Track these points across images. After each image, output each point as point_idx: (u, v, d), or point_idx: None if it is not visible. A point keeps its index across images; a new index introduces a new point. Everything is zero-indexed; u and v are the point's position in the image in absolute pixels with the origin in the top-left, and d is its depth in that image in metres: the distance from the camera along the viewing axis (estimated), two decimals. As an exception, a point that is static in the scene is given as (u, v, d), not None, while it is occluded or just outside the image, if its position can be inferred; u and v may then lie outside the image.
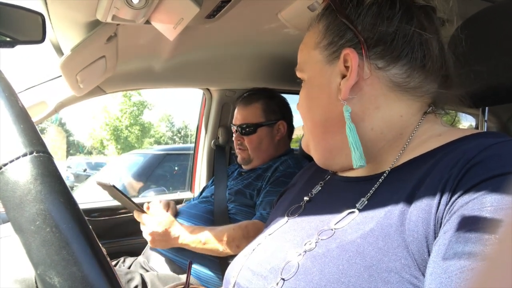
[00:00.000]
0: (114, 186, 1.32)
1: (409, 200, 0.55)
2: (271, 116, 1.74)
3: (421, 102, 0.69)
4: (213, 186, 1.82)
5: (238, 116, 1.78)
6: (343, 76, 0.67)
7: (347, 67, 0.67)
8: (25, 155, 0.36)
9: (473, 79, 0.71)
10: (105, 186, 1.36)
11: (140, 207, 1.41)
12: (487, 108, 0.98)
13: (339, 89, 0.67)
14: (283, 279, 0.60)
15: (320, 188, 0.80)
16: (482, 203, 0.45)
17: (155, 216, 1.39)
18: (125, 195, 1.35)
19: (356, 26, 0.67)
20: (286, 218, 0.77)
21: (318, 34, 0.72)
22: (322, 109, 0.72)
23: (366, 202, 0.63)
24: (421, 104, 0.69)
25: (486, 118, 0.98)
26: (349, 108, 0.67)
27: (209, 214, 1.60)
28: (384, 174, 0.65)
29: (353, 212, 0.63)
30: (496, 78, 0.79)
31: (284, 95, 2.15)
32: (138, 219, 1.41)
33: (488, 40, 0.79)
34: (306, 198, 0.79)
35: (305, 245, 0.63)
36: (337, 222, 0.63)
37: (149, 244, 1.63)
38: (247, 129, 1.72)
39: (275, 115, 1.75)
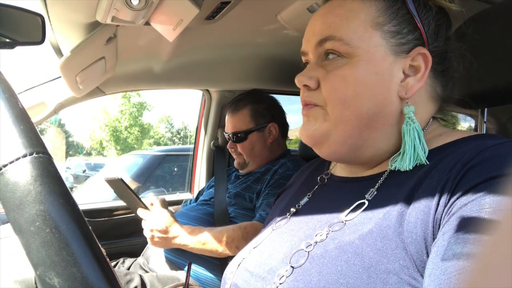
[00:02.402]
0: (121, 180, 1.33)
1: (408, 201, 0.55)
2: (260, 120, 1.74)
3: (437, 108, 0.71)
4: (211, 190, 1.82)
5: (228, 124, 1.78)
6: (403, 73, 0.65)
7: (411, 66, 0.65)
8: (25, 156, 0.36)
9: (472, 80, 0.71)
10: (112, 181, 1.36)
11: (144, 204, 1.41)
12: (486, 109, 0.98)
13: (401, 86, 0.65)
14: (292, 267, 0.60)
15: (317, 189, 0.80)
16: (481, 204, 0.46)
17: (156, 214, 1.39)
18: (132, 190, 1.36)
19: (424, 27, 0.65)
20: (284, 220, 0.77)
21: (377, 11, 0.64)
22: (376, 101, 0.64)
23: (375, 193, 0.63)
24: (436, 110, 0.71)
25: (485, 119, 0.98)
26: (413, 108, 0.64)
27: (209, 217, 1.60)
28: (385, 174, 0.65)
29: (362, 203, 0.62)
30: (495, 79, 0.79)
31: (284, 96, 2.15)
32: (140, 215, 1.41)
33: (487, 41, 0.79)
34: (304, 199, 0.78)
35: (316, 236, 0.63)
36: (347, 214, 0.62)
37: (148, 245, 1.63)
38: (238, 136, 1.73)
39: (264, 118, 1.74)
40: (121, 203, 2.05)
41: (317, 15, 0.70)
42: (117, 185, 1.37)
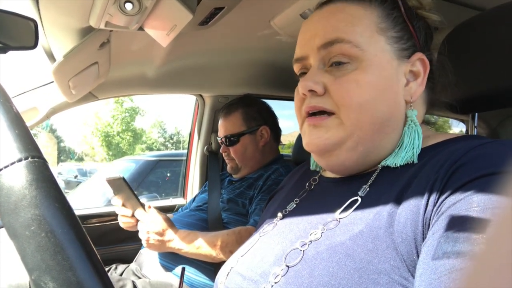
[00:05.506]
0: (123, 179, 1.32)
1: (398, 201, 0.56)
2: (251, 123, 1.75)
3: (425, 111, 0.73)
4: (204, 195, 1.82)
5: (221, 128, 1.81)
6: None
7: (410, 71, 0.67)
8: (20, 160, 0.36)
9: (462, 85, 0.72)
10: (113, 180, 1.35)
11: (143, 205, 1.40)
12: (476, 114, 1.00)
13: (405, 90, 0.67)
14: (287, 266, 0.60)
15: (308, 190, 0.80)
16: (469, 203, 0.46)
17: (153, 216, 1.38)
18: (132, 190, 1.35)
19: (418, 37, 0.68)
20: (274, 222, 0.77)
21: (378, 17, 0.66)
22: (389, 105, 0.65)
23: (368, 189, 0.64)
24: (424, 113, 0.73)
25: (475, 124, 0.99)
26: (416, 111, 0.66)
27: (203, 222, 1.60)
28: (375, 173, 0.66)
29: (355, 200, 0.63)
30: (485, 84, 0.80)
31: (277, 101, 2.16)
32: (138, 217, 1.40)
33: (477, 47, 0.80)
34: (291, 205, 0.78)
35: (310, 235, 0.63)
36: (341, 212, 0.63)
37: (141, 251, 1.62)
38: (231, 139, 1.74)
39: (256, 121, 1.76)
40: (113, 208, 2.04)
41: (315, 18, 0.70)
42: (118, 184, 1.36)
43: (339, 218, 0.62)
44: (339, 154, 0.67)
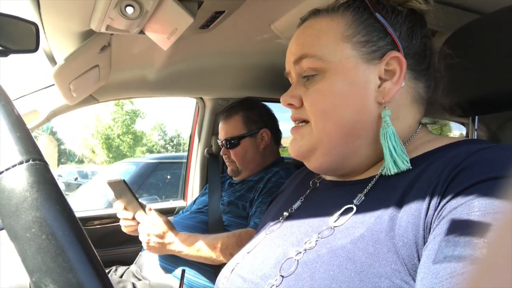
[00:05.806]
0: (124, 181, 1.32)
1: (399, 205, 0.56)
2: (252, 126, 1.76)
3: (423, 112, 0.72)
4: (204, 197, 1.82)
5: (221, 131, 1.81)
6: (380, 79, 0.67)
7: (386, 71, 0.67)
8: (21, 163, 0.36)
9: (462, 88, 0.72)
10: (114, 183, 1.35)
11: (144, 208, 1.40)
12: (476, 117, 1.00)
13: (378, 92, 0.67)
14: (282, 276, 0.60)
15: (309, 193, 0.80)
16: (470, 208, 0.46)
17: (153, 219, 1.38)
18: (133, 193, 1.35)
19: (395, 32, 0.67)
20: (277, 224, 0.77)
21: (345, 25, 0.68)
22: (354, 109, 0.66)
23: (363, 198, 0.64)
24: (422, 114, 0.72)
25: (476, 127, 0.99)
26: (389, 111, 0.66)
27: (203, 225, 1.60)
28: (375, 178, 0.66)
29: (351, 208, 0.63)
30: (485, 87, 0.81)
31: (277, 104, 2.16)
32: (138, 219, 1.40)
33: (477, 51, 0.80)
34: (295, 204, 0.79)
35: (305, 243, 0.63)
36: (336, 220, 0.63)
37: (141, 253, 1.62)
38: (231, 142, 1.74)
39: (257, 124, 1.77)
40: (113, 211, 2.04)
41: (293, 36, 0.75)
42: (119, 187, 1.36)
43: (334, 226, 0.62)
44: (316, 159, 0.71)
